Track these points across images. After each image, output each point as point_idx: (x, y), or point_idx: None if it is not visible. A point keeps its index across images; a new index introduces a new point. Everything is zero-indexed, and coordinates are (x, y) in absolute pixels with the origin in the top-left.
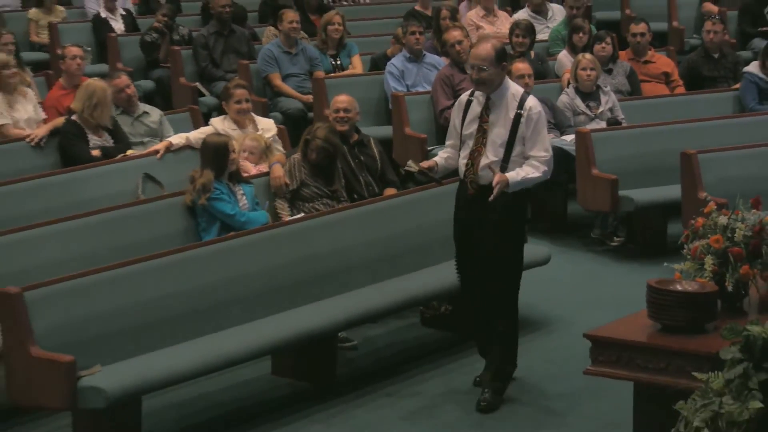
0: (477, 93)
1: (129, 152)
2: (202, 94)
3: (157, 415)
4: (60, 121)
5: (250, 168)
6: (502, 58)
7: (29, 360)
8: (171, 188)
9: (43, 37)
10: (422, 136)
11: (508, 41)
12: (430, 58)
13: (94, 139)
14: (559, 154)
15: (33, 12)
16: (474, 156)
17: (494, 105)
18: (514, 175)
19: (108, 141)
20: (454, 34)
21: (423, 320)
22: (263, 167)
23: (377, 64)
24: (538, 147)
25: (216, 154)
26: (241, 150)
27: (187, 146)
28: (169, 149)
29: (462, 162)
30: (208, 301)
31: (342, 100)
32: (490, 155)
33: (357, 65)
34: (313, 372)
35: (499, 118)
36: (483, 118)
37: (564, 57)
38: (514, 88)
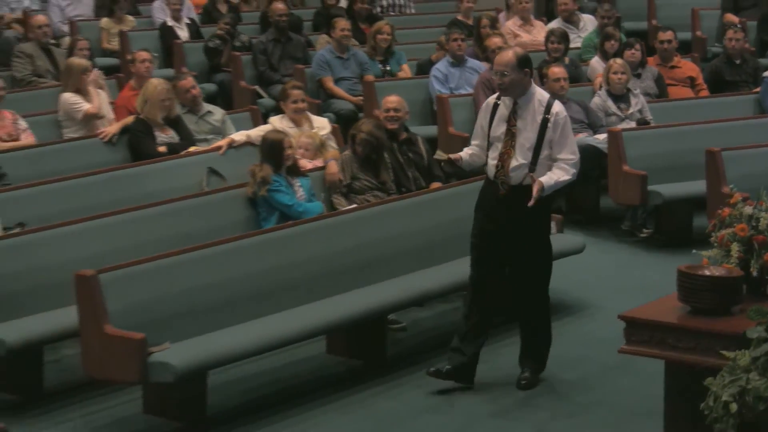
0: (505, 98)
1: (192, 149)
2: (261, 96)
3: (220, 390)
4: (130, 119)
5: (306, 163)
6: (524, 64)
7: (103, 337)
8: (233, 181)
9: (114, 44)
10: (464, 135)
11: (544, 48)
12: (472, 62)
13: (160, 136)
14: (592, 151)
15: (105, 21)
16: (504, 158)
17: (521, 109)
18: (548, 179)
19: (174, 138)
20: (495, 41)
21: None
22: (318, 162)
23: (422, 68)
24: (566, 150)
25: (274, 149)
26: (297, 146)
27: (248, 143)
28: (231, 145)
29: (491, 163)
30: (268, 284)
31: (392, 100)
32: (519, 158)
33: (406, 72)
34: (364, 351)
35: (526, 123)
36: (510, 121)
37: (596, 63)
38: (540, 94)
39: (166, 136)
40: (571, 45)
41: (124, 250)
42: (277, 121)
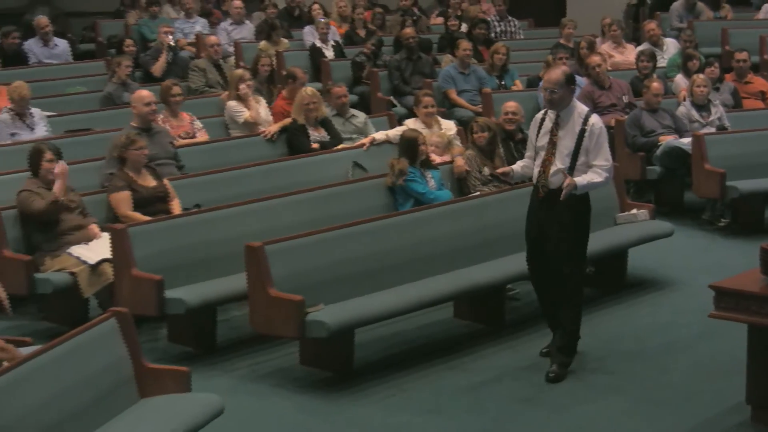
0: (549, 111)
1: (340, 146)
2: (394, 105)
3: (365, 347)
4: (288, 121)
5: (436, 158)
6: (570, 81)
7: (268, 299)
8: (374, 173)
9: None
10: None
11: (634, 67)
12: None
13: (314, 135)
14: (678, 152)
15: (263, 44)
16: (545, 164)
17: (563, 121)
18: (581, 179)
19: (325, 137)
20: (595, 59)
21: None
22: (446, 157)
23: (531, 83)
24: (600, 157)
25: (411, 145)
26: (429, 144)
27: (387, 141)
28: (372, 143)
29: (535, 170)
30: (405, 257)
31: (511, 105)
32: (559, 163)
33: (518, 86)
34: (486, 316)
35: (567, 133)
36: (553, 132)
37: (679, 79)
38: (580, 108)
39: (318, 135)
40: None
41: (283, 228)
42: (411, 123)
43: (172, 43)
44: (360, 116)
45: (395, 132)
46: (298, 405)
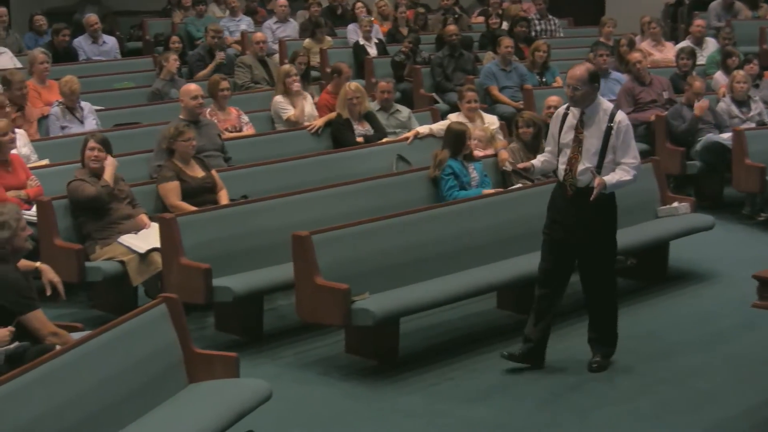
0: (572, 108)
1: (384, 140)
2: (436, 102)
3: (409, 336)
4: (332, 115)
5: (479, 151)
6: (594, 79)
7: (314, 287)
8: (417, 166)
9: (314, 61)
10: None
11: (673, 65)
12: (615, 75)
13: (358, 129)
14: (718, 147)
15: (307, 42)
16: (572, 163)
17: (588, 119)
18: (610, 178)
19: (369, 131)
20: (635, 56)
21: None
22: (489, 151)
23: None
24: (629, 155)
25: (457, 138)
26: (472, 138)
27: (430, 135)
28: (416, 137)
29: (561, 167)
30: (449, 248)
31: (554, 99)
32: (586, 162)
33: (559, 83)
34: (529, 307)
35: (593, 131)
36: (578, 129)
37: (719, 76)
38: (605, 105)
39: (362, 129)
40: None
41: (328, 219)
42: (454, 117)
43: (224, 62)
44: (404, 111)
45: (439, 126)
46: (343, 392)
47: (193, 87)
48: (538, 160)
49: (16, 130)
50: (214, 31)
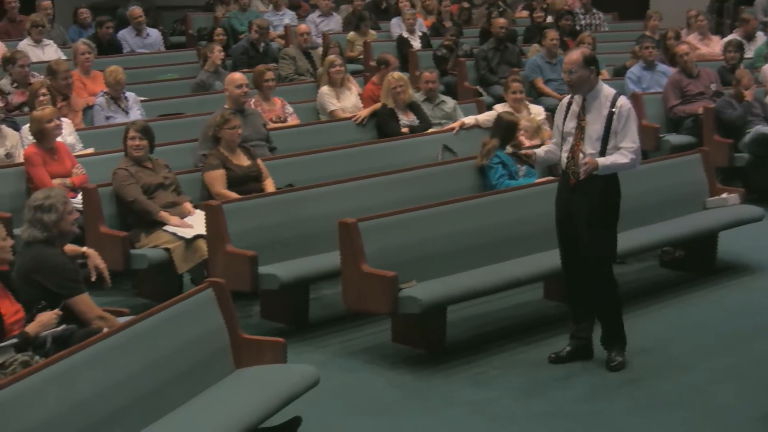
0: (576, 96)
1: (429, 130)
2: (481, 95)
3: (456, 326)
4: (377, 106)
5: (526, 141)
6: (590, 62)
7: (361, 275)
8: (462, 156)
9: (356, 52)
10: (656, 126)
11: (720, 58)
12: (662, 67)
13: (403, 119)
14: (767, 139)
15: (351, 35)
16: (574, 150)
17: (590, 105)
18: (604, 160)
19: (414, 121)
20: (683, 48)
21: (661, 262)
22: (536, 142)
23: (617, 72)
24: (627, 139)
25: (508, 128)
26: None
27: (476, 125)
28: (462, 127)
29: (564, 156)
30: (496, 236)
31: None
32: (588, 149)
33: (604, 75)
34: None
35: (594, 117)
36: (580, 116)
37: (767, 69)
38: (607, 90)
39: (407, 120)
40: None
41: (374, 207)
42: (500, 108)
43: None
44: (449, 102)
45: (485, 117)
46: (390, 380)
47: (238, 76)
48: (541, 150)
49: (62, 119)
50: (258, 26)
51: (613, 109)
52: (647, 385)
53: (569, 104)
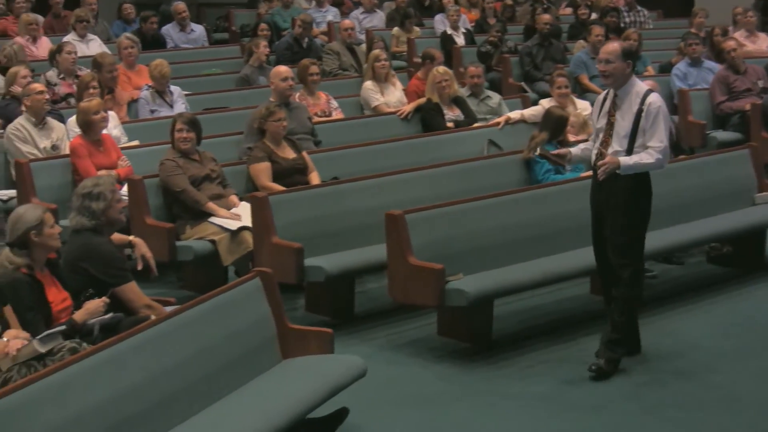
0: (609, 92)
1: (474, 125)
2: (525, 91)
3: (502, 320)
4: (422, 100)
5: (572, 137)
6: (627, 56)
7: (408, 267)
8: (508, 150)
9: (400, 48)
10: (702, 123)
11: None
12: (708, 63)
13: (448, 114)
14: None
15: (395, 30)
16: (603, 146)
17: (621, 101)
18: (627, 159)
19: (459, 116)
20: (730, 44)
21: (709, 258)
22: (582, 136)
23: (663, 69)
24: (655, 138)
25: (557, 122)
26: None
27: (522, 120)
28: (507, 122)
29: (593, 152)
30: (543, 230)
31: (647, 83)
32: (616, 146)
33: (650, 72)
34: None
35: (624, 113)
36: (611, 112)
37: None
38: (639, 87)
39: (452, 114)
40: None
41: (419, 201)
42: (546, 103)
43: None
44: (494, 97)
45: (530, 111)
46: (436, 373)
47: (283, 69)
48: (578, 148)
49: (108, 111)
50: (302, 21)
51: (642, 106)
52: (698, 380)
53: (604, 99)
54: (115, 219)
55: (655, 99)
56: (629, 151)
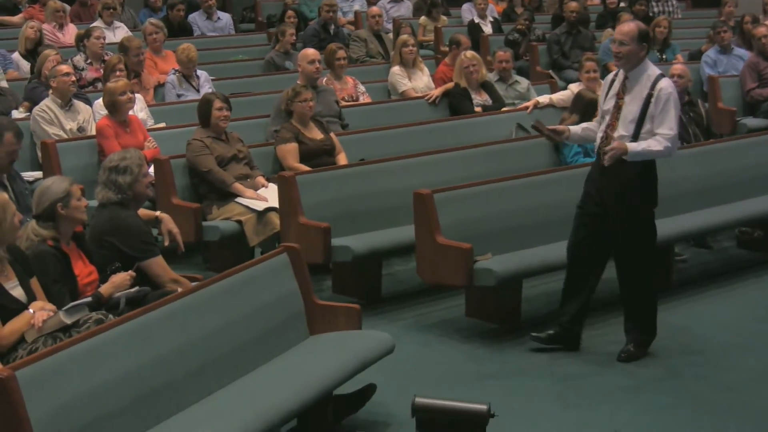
0: (620, 73)
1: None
2: (553, 79)
3: (531, 300)
4: (450, 85)
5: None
6: (643, 38)
7: (436, 247)
8: (535, 134)
9: (427, 37)
10: (732, 109)
11: None
12: (738, 51)
13: (476, 99)
14: None
15: (423, 19)
16: (608, 130)
17: (630, 84)
18: (635, 145)
19: (488, 101)
20: (761, 31)
21: (739, 242)
22: None
23: (693, 56)
24: (664, 125)
25: (587, 105)
26: None
27: (550, 105)
28: (536, 106)
29: (599, 135)
30: (571, 211)
31: (677, 67)
32: (622, 130)
33: (680, 60)
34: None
35: (633, 97)
36: (619, 95)
37: None
38: (651, 70)
39: (480, 99)
40: None
41: (447, 182)
42: (575, 87)
43: None
44: (523, 82)
45: (559, 96)
46: (464, 353)
47: (311, 51)
48: (579, 127)
49: (135, 94)
50: (329, 5)
51: (652, 92)
52: (732, 362)
53: (612, 81)
54: (141, 193)
55: (665, 85)
56: (635, 137)
